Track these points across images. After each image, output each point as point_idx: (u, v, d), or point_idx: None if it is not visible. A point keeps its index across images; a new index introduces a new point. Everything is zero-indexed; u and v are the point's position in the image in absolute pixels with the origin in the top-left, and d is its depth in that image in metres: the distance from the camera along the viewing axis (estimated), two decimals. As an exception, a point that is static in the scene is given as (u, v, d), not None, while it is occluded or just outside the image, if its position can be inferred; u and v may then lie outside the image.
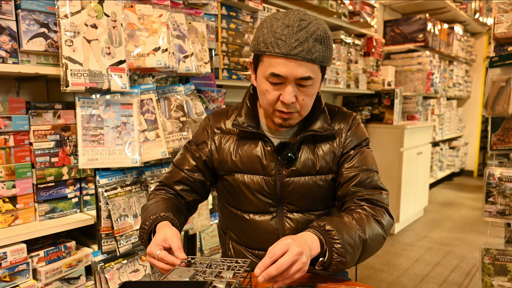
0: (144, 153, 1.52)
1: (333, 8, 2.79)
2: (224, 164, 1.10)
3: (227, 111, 1.15)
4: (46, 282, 1.39)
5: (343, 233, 0.87)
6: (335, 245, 0.86)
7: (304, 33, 0.89)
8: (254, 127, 1.05)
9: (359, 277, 2.59)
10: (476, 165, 6.07)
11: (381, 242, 0.97)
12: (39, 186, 1.45)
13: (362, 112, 3.51)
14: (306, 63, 0.91)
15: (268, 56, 0.93)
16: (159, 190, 1.13)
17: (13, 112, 1.40)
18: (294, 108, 0.97)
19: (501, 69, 1.71)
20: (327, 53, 0.94)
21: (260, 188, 1.06)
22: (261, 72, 0.96)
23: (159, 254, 0.85)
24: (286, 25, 0.90)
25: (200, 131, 1.15)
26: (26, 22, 1.30)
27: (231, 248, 1.16)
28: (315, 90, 0.98)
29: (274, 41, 0.90)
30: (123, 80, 1.44)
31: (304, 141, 1.06)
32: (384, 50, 4.21)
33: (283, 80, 0.93)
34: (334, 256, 0.85)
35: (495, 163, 1.80)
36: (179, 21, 1.66)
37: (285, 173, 1.04)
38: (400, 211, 3.38)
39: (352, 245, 0.88)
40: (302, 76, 0.92)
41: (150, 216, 0.98)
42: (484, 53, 5.90)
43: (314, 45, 0.90)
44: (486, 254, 1.75)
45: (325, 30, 0.93)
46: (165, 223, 0.96)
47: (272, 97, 0.96)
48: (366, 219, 0.95)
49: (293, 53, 0.89)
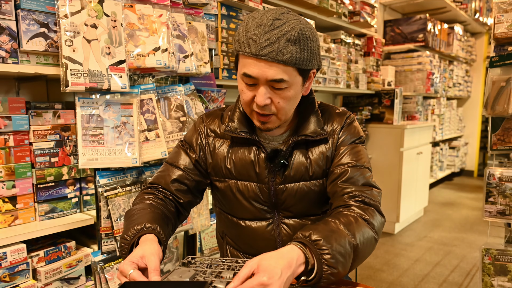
0: (144, 153, 1.52)
1: (333, 8, 2.79)
2: (217, 171, 1.07)
3: (221, 114, 1.12)
4: (46, 282, 1.39)
5: (332, 242, 0.80)
6: (324, 256, 0.79)
7: (276, 33, 0.85)
8: (247, 133, 1.02)
9: (359, 277, 2.59)
10: (476, 165, 6.07)
11: (373, 245, 0.90)
12: (39, 186, 1.45)
13: (362, 112, 3.51)
14: (277, 65, 0.86)
15: (241, 56, 0.90)
16: (148, 194, 1.04)
17: (13, 112, 1.40)
18: (269, 110, 0.93)
19: (501, 69, 1.71)
20: (303, 55, 0.88)
21: (254, 195, 1.04)
22: (238, 71, 0.94)
23: (131, 274, 0.77)
24: (259, 24, 0.86)
25: (193, 131, 1.12)
26: (26, 22, 1.30)
27: (229, 254, 1.15)
28: (292, 93, 0.92)
29: (246, 40, 0.87)
30: (123, 80, 1.44)
31: (297, 146, 1.03)
32: (384, 50, 4.21)
33: (256, 81, 0.90)
34: (324, 269, 0.78)
35: (495, 163, 1.80)
36: (179, 21, 1.66)
37: (278, 181, 1.02)
38: (400, 211, 3.38)
39: (343, 254, 0.81)
40: (273, 78, 0.87)
41: (135, 226, 0.90)
42: (484, 53, 5.90)
43: (286, 46, 0.85)
44: (486, 254, 1.75)
45: (301, 31, 0.87)
46: (149, 237, 0.88)
47: (247, 97, 0.93)
48: (355, 222, 0.87)
49: (262, 53, 0.85)
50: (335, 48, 3.00)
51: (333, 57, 2.96)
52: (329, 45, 2.87)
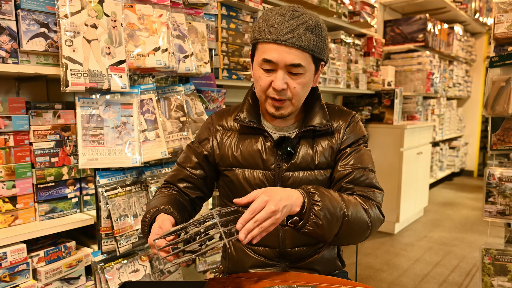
0: (144, 153, 1.52)
1: (333, 8, 2.79)
2: (225, 159, 1.12)
3: (229, 109, 1.18)
4: (46, 282, 1.39)
5: (325, 199, 0.91)
6: (315, 207, 0.90)
7: (295, 21, 0.94)
8: (255, 123, 1.08)
9: (359, 277, 2.59)
10: (476, 165, 6.07)
11: (364, 228, 0.97)
12: (39, 186, 1.45)
13: (362, 112, 3.51)
14: (296, 50, 0.94)
15: (261, 43, 0.98)
16: (164, 187, 1.16)
17: (13, 112, 1.40)
18: (285, 95, 0.99)
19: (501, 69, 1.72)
20: (319, 43, 0.97)
21: (260, 183, 1.07)
22: (256, 60, 1.01)
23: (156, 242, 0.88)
24: (280, 14, 0.95)
25: (203, 129, 1.18)
26: (26, 22, 1.30)
27: (232, 245, 1.17)
28: (307, 80, 1.00)
29: (267, 28, 0.95)
30: (123, 80, 1.44)
31: (304, 137, 1.08)
32: (384, 50, 4.21)
33: (275, 67, 0.97)
34: (311, 217, 0.89)
35: (495, 163, 1.80)
36: (179, 21, 1.66)
37: (285, 168, 1.06)
38: (400, 211, 3.38)
39: (331, 213, 0.91)
40: (292, 63, 0.95)
41: (151, 209, 1.01)
42: (484, 53, 5.90)
43: (305, 33, 0.94)
44: (486, 254, 1.75)
45: (317, 22, 0.97)
46: (163, 216, 0.97)
47: (264, 83, 0.99)
48: (353, 202, 0.97)
49: (283, 39, 0.93)
50: (335, 48, 3.00)
51: (333, 57, 2.96)
52: (329, 45, 2.87)
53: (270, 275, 1.00)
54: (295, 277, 0.98)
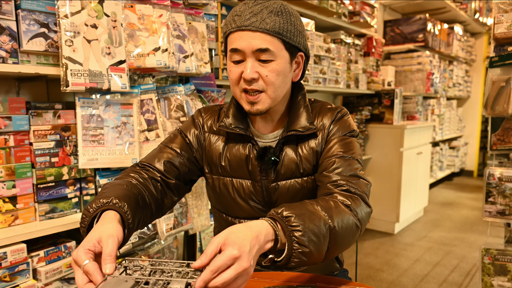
0: (144, 153, 1.52)
1: (333, 8, 2.79)
2: (212, 168, 1.07)
3: (219, 110, 1.12)
4: (46, 282, 1.39)
5: (305, 220, 0.76)
6: (295, 233, 0.74)
7: (259, 6, 0.91)
8: (242, 129, 1.02)
9: (359, 277, 2.59)
10: (476, 165, 6.07)
11: (353, 232, 0.85)
12: (39, 186, 1.45)
13: (362, 112, 3.51)
14: (261, 34, 0.90)
15: (229, 36, 0.95)
16: (133, 173, 0.98)
17: (13, 112, 1.40)
18: (257, 86, 0.93)
19: (501, 69, 1.72)
20: (287, 26, 0.92)
21: (249, 193, 1.04)
22: (227, 56, 0.97)
23: (85, 265, 0.67)
24: (244, 3, 0.93)
25: (191, 123, 1.11)
26: (26, 22, 1.30)
27: None
28: (280, 68, 0.93)
29: (232, 19, 0.93)
30: (123, 80, 1.44)
31: (287, 142, 1.02)
32: (384, 50, 4.21)
33: (243, 56, 0.93)
34: (294, 247, 0.74)
35: (495, 163, 1.80)
36: (179, 21, 1.66)
37: (270, 179, 1.02)
38: (400, 211, 3.38)
39: (316, 234, 0.76)
40: (258, 47, 0.90)
41: (101, 198, 0.82)
42: (484, 53, 5.90)
43: (270, 16, 0.90)
44: (486, 254, 1.75)
45: (283, 5, 0.93)
46: (110, 215, 0.79)
47: (234, 75, 0.95)
48: (334, 207, 0.83)
49: (246, 24, 0.90)
50: (335, 48, 3.00)
51: (333, 57, 2.96)
52: (329, 45, 2.87)
53: (270, 275, 1.00)
54: (295, 277, 0.98)
